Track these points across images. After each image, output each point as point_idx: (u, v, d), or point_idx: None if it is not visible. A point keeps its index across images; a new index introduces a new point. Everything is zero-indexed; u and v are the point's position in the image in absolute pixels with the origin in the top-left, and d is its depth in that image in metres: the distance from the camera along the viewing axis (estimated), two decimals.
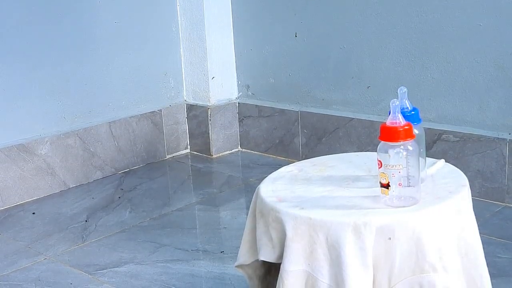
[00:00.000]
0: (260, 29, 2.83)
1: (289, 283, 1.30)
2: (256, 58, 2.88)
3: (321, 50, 2.64)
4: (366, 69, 2.52)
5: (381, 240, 1.25)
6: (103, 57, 2.74)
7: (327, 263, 1.28)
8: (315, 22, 2.63)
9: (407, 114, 1.35)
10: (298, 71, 2.74)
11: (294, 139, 2.77)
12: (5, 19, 2.45)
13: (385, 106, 2.45)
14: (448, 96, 2.31)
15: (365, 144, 2.51)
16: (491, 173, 2.20)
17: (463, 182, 1.41)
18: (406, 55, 2.39)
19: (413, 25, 2.35)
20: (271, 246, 1.35)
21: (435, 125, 2.32)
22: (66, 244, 2.14)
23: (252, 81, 2.92)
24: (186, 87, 3.02)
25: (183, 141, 3.01)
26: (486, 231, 1.91)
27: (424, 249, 1.25)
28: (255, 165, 2.80)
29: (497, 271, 1.76)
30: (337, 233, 1.26)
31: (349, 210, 1.31)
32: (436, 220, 1.28)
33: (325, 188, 1.42)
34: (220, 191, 2.54)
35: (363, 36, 2.50)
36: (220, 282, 1.85)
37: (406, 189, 1.29)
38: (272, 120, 2.82)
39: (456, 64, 2.27)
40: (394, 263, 1.26)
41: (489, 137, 2.20)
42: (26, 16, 2.50)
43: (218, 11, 2.89)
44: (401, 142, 1.27)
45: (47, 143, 2.58)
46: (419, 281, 1.26)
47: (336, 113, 2.62)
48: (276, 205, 1.35)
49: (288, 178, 1.50)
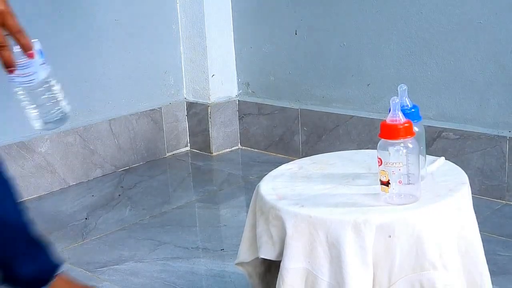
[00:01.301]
0: (260, 27, 2.83)
1: (289, 280, 1.30)
2: (256, 56, 2.87)
3: (321, 48, 2.64)
4: (366, 66, 2.52)
5: (381, 238, 1.25)
6: (103, 55, 2.74)
7: (327, 261, 1.28)
8: (315, 20, 2.63)
9: (407, 112, 1.35)
10: (298, 69, 2.74)
11: (294, 137, 2.77)
12: None
13: (385, 104, 2.45)
14: (448, 93, 2.31)
15: (365, 142, 2.51)
16: (491, 171, 2.20)
17: (463, 179, 1.41)
18: (406, 52, 2.39)
19: (413, 23, 2.35)
20: (271, 244, 1.35)
21: (435, 123, 2.32)
22: (66, 242, 2.14)
23: (252, 78, 2.92)
24: (186, 85, 3.01)
25: (183, 139, 3.01)
26: (486, 228, 1.91)
27: (424, 246, 1.25)
28: (255, 163, 2.80)
29: (497, 268, 1.76)
30: (337, 231, 1.26)
31: (349, 208, 1.31)
32: (436, 217, 1.28)
33: (325, 186, 1.42)
34: (220, 189, 2.54)
35: (363, 34, 2.50)
36: (220, 280, 1.85)
37: (406, 186, 1.29)
38: (272, 118, 2.82)
39: (456, 61, 2.27)
40: (394, 261, 1.26)
41: (489, 134, 2.20)
42: (25, 13, 2.50)
43: (218, 9, 2.89)
44: (401, 140, 1.27)
45: (47, 141, 2.58)
46: (419, 279, 1.26)
47: (336, 110, 2.62)
48: (276, 203, 1.35)
49: (288, 176, 1.50)
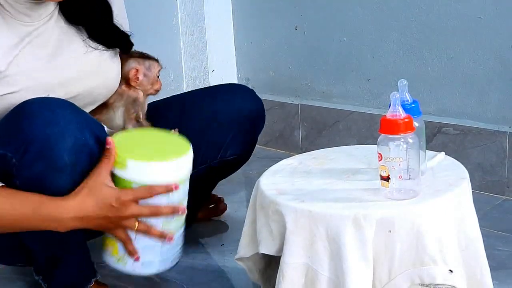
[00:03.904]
0: (260, 22, 2.83)
1: (289, 275, 1.31)
2: (256, 51, 2.87)
3: (321, 43, 2.63)
4: (366, 62, 2.51)
5: (381, 232, 1.25)
6: None
7: (327, 256, 1.28)
8: (315, 15, 2.62)
9: (407, 107, 1.35)
10: (298, 64, 2.73)
11: (294, 132, 2.77)
12: None
13: (385, 99, 2.44)
14: (449, 89, 2.31)
15: (365, 137, 2.51)
16: (491, 166, 2.20)
17: (463, 175, 1.41)
18: (406, 48, 2.39)
19: (413, 18, 2.35)
20: (271, 239, 1.36)
21: (435, 118, 2.32)
22: None
23: (252, 74, 2.92)
24: (186, 80, 3.01)
25: None
26: (486, 224, 1.91)
27: (424, 241, 1.26)
28: (255, 158, 2.79)
29: (497, 263, 1.76)
30: (337, 226, 1.26)
31: (349, 203, 1.31)
32: (436, 212, 1.28)
33: (325, 181, 1.42)
34: (219, 184, 2.54)
35: (364, 29, 2.49)
36: (220, 275, 1.85)
37: (406, 181, 1.29)
38: (272, 113, 2.82)
39: (457, 57, 2.27)
40: (394, 256, 1.27)
41: (490, 130, 2.20)
42: None
43: (218, 4, 2.89)
44: (401, 135, 1.27)
45: None
46: (419, 274, 1.26)
47: (336, 106, 2.62)
48: (276, 198, 1.35)
49: (288, 171, 1.51)
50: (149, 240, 1.42)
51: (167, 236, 1.42)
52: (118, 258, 1.46)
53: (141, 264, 1.45)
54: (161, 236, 1.41)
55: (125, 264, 1.46)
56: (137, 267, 1.46)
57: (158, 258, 1.47)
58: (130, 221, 1.38)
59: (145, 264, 1.46)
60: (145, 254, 1.44)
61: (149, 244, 1.43)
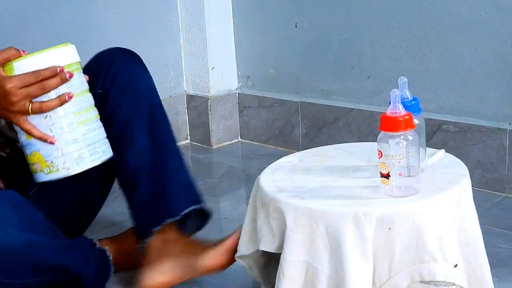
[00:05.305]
0: (260, 20, 2.83)
1: (289, 273, 1.31)
2: (256, 48, 2.87)
3: (322, 40, 2.63)
4: (366, 59, 2.51)
5: (381, 230, 1.25)
6: (102, 48, 2.73)
7: (327, 253, 1.28)
8: (315, 12, 2.62)
9: (407, 104, 1.35)
10: (298, 62, 2.73)
11: (294, 130, 2.76)
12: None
13: (385, 97, 2.44)
14: (449, 86, 2.31)
15: (365, 135, 2.51)
16: (491, 163, 2.20)
17: (463, 172, 1.41)
18: (406, 45, 2.39)
19: (413, 15, 2.35)
20: (271, 236, 1.36)
21: (435, 115, 2.32)
22: None
23: (252, 71, 2.92)
24: (186, 78, 3.01)
25: (183, 131, 3.01)
26: (486, 221, 1.91)
27: (424, 239, 1.26)
28: (255, 155, 2.80)
29: (497, 261, 1.76)
30: (337, 223, 1.26)
31: (349, 200, 1.31)
32: (436, 210, 1.28)
33: (325, 178, 1.42)
34: (220, 181, 2.54)
35: (364, 26, 2.49)
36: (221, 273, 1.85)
37: (406, 179, 1.29)
38: (272, 110, 2.82)
39: (457, 54, 2.27)
40: (394, 253, 1.27)
41: (490, 127, 2.20)
42: (23, 6, 2.49)
43: (218, 2, 2.88)
44: (401, 132, 1.27)
45: None
46: (419, 271, 1.26)
47: (336, 103, 2.62)
48: (276, 195, 1.35)
49: (288, 169, 1.51)
50: (59, 120, 1.44)
51: (65, 96, 1.43)
52: (48, 169, 1.46)
53: (73, 161, 1.46)
54: (60, 101, 1.42)
55: (57, 169, 1.46)
56: (70, 166, 1.46)
57: (85, 150, 1.47)
58: (22, 105, 1.41)
59: (77, 160, 1.46)
60: (67, 148, 1.45)
61: (59, 126, 1.44)
